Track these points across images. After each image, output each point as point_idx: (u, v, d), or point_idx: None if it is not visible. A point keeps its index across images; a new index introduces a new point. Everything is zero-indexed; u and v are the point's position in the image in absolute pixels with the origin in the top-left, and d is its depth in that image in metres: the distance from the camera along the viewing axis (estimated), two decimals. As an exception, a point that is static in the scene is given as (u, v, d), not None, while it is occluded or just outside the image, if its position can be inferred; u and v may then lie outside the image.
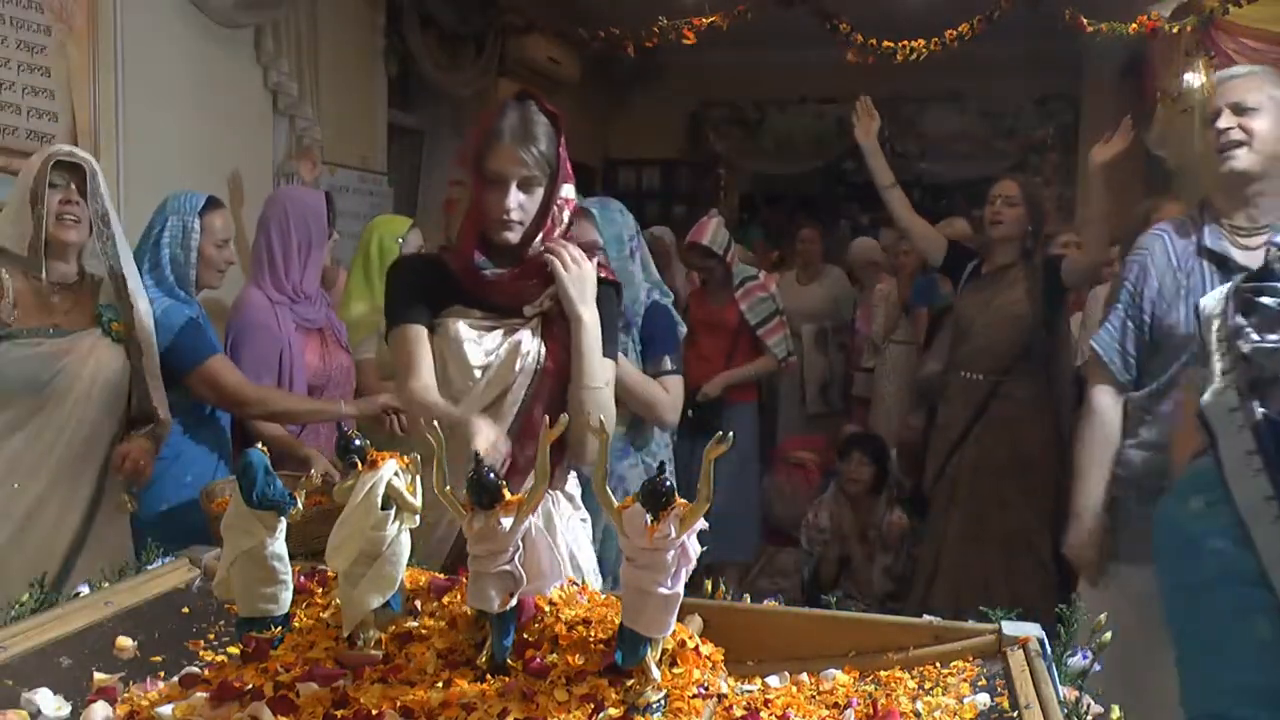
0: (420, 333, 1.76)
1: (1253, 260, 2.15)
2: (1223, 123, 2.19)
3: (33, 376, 2.06)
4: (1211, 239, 2.23)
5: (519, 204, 1.72)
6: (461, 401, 1.72)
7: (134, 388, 2.22)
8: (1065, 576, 2.47)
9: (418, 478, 1.24)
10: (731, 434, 1.06)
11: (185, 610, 1.42)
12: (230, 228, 2.66)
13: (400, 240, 3.10)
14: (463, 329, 1.75)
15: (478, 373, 1.74)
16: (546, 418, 1.16)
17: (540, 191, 1.74)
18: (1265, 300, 1.73)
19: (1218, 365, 1.76)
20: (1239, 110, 2.19)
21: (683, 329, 2.53)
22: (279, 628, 1.24)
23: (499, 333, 1.76)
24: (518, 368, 1.74)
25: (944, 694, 1.17)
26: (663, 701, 1.08)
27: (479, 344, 1.75)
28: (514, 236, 1.74)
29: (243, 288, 2.91)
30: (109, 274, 2.20)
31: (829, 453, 4.72)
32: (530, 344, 1.75)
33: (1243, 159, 2.18)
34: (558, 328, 1.77)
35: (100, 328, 2.17)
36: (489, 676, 1.14)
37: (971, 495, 3.40)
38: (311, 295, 2.84)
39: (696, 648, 1.16)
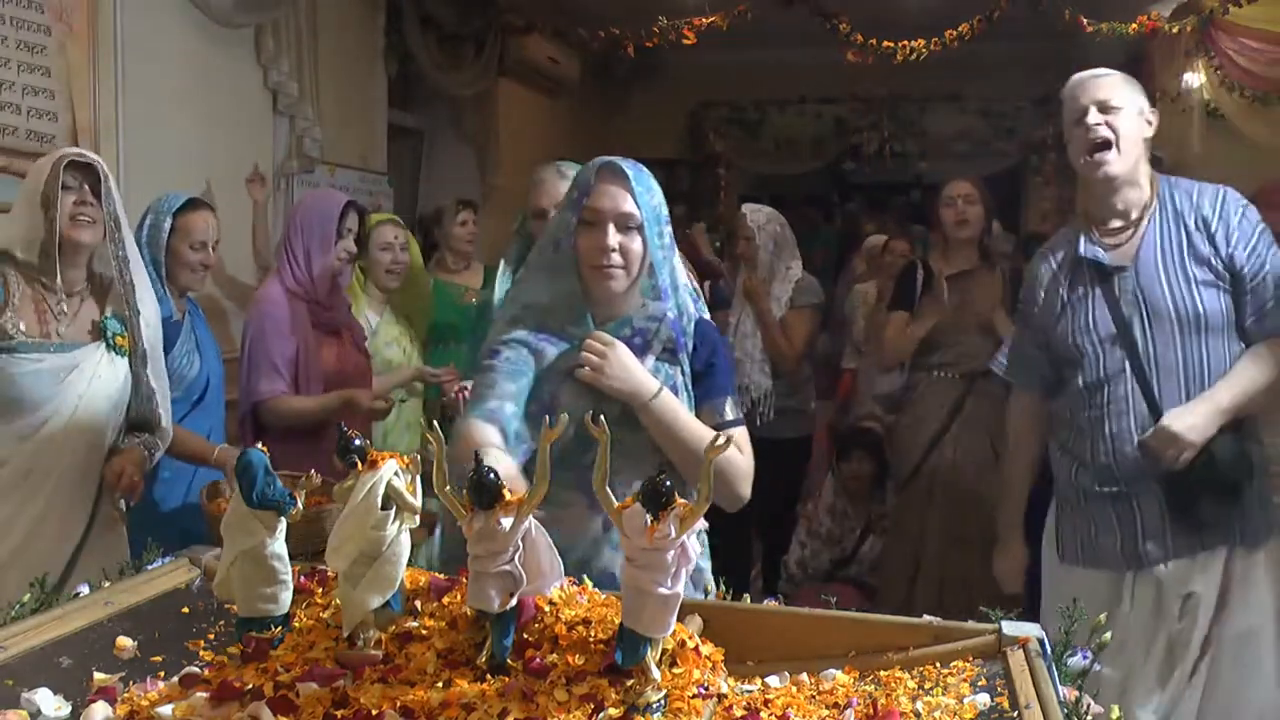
0: None
1: (1123, 258, 2.21)
2: (1091, 119, 2.19)
3: (36, 393, 2.02)
4: (1085, 247, 2.26)
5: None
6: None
7: (134, 395, 2.19)
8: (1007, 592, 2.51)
9: (418, 477, 1.24)
10: (731, 437, 1.05)
11: (185, 610, 1.42)
12: (210, 230, 2.64)
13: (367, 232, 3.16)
14: None
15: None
16: (546, 418, 1.16)
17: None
18: None
19: None
20: (1105, 109, 2.20)
21: None
22: (279, 628, 1.24)
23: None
24: None
25: (944, 694, 1.17)
26: (663, 701, 1.08)
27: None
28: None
29: (265, 281, 2.92)
30: (118, 277, 2.15)
31: (829, 448, 4.72)
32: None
33: (1114, 163, 2.19)
34: None
35: (104, 342, 2.12)
36: (489, 676, 1.14)
37: (951, 494, 3.38)
38: (322, 296, 2.84)
39: (696, 648, 1.16)
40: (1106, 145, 2.18)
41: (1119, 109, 2.20)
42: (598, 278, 1.70)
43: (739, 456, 1.73)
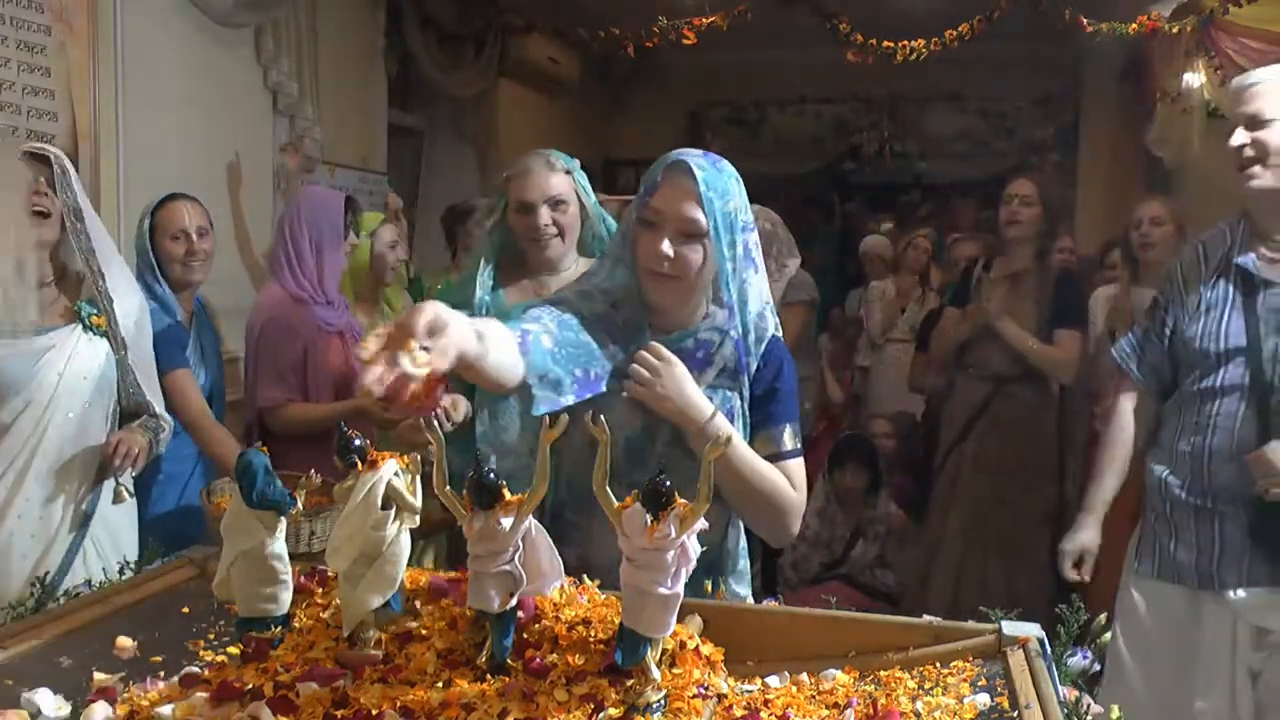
0: None
1: (1276, 275, 2.07)
2: (1236, 140, 2.07)
3: (13, 375, 2.02)
4: (1240, 254, 2.13)
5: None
6: None
7: (123, 383, 2.19)
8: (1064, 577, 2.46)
9: (418, 477, 1.24)
10: (731, 437, 1.05)
11: (185, 610, 1.42)
12: (187, 219, 2.63)
13: (368, 235, 3.12)
14: None
15: None
16: (546, 418, 1.15)
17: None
18: None
19: None
20: (1254, 124, 2.07)
21: None
22: (279, 628, 1.24)
23: None
24: None
25: (944, 694, 1.17)
26: (663, 701, 1.08)
27: None
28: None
29: (265, 286, 2.90)
30: (84, 266, 2.14)
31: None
32: None
33: (1265, 177, 2.06)
34: None
35: (80, 323, 2.12)
36: (489, 676, 1.14)
37: (970, 494, 3.41)
38: (332, 297, 2.83)
39: (696, 648, 1.16)
40: (1253, 162, 2.07)
41: (1272, 121, 2.05)
42: (651, 283, 1.57)
43: (789, 490, 1.61)
